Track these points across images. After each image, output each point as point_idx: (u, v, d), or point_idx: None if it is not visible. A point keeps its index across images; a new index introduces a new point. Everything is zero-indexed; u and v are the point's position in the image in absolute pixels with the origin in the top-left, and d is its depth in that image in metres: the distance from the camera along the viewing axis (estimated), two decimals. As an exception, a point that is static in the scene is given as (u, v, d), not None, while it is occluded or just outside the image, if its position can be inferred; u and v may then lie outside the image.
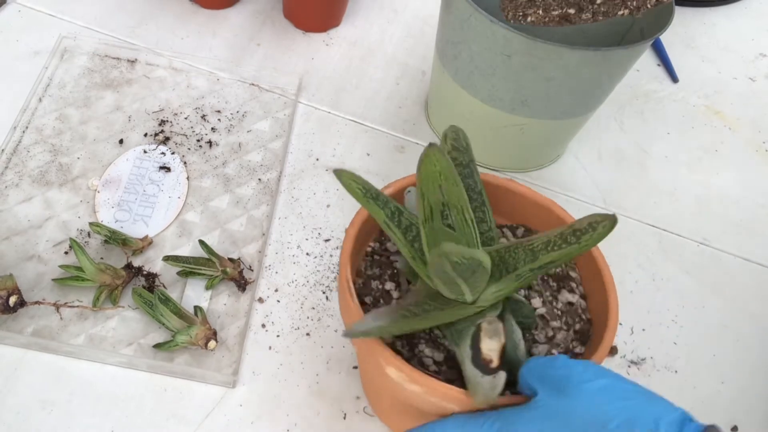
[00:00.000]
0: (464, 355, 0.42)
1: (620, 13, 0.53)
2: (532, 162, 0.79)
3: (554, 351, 0.48)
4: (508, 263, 0.43)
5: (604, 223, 0.40)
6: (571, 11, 0.54)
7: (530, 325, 0.48)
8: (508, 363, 0.43)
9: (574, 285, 0.52)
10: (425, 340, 0.48)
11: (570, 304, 0.50)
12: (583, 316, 0.50)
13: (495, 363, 0.41)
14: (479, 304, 0.44)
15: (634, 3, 0.53)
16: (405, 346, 0.48)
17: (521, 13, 0.54)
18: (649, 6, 0.53)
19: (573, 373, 0.40)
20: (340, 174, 0.44)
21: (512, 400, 0.42)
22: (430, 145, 0.44)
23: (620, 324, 0.68)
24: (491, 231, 0.47)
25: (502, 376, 0.41)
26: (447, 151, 0.49)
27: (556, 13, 0.53)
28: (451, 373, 0.46)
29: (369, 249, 0.54)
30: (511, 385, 0.43)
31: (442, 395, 0.43)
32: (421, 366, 0.47)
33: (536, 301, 0.50)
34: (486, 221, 0.48)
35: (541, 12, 0.54)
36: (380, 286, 0.51)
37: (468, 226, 0.45)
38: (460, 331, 0.44)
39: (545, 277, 0.52)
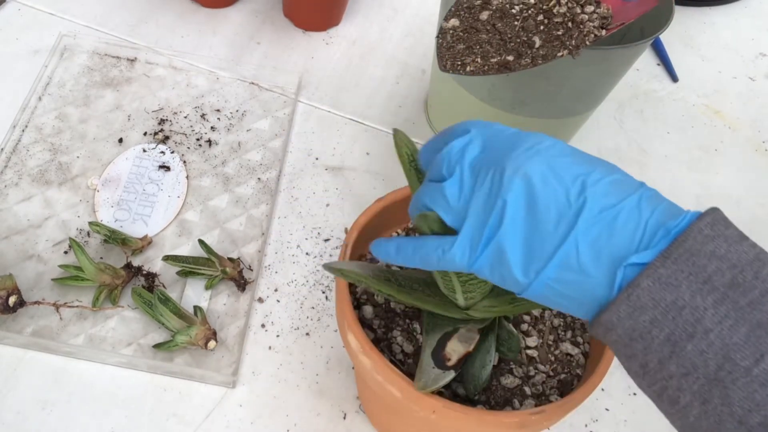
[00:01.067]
0: (428, 344, 0.43)
1: (559, 54, 0.53)
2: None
3: (526, 388, 0.47)
4: None
5: None
6: (510, 58, 0.53)
7: (512, 357, 0.48)
8: (468, 375, 0.44)
9: (581, 340, 0.51)
10: (401, 329, 0.49)
11: (569, 355, 0.50)
12: (575, 371, 0.49)
13: (451, 362, 0.42)
14: (469, 313, 0.44)
15: (573, 42, 0.53)
16: (381, 327, 0.49)
17: (459, 63, 0.53)
18: (587, 43, 0.53)
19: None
20: (396, 133, 0.44)
21: (500, 417, 0.43)
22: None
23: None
24: None
25: (450, 374, 0.42)
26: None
27: (494, 60, 0.53)
28: (413, 368, 0.47)
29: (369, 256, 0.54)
30: (467, 402, 0.45)
31: (385, 375, 0.44)
32: (389, 352, 0.48)
33: (532, 340, 0.50)
34: None
35: (479, 60, 0.53)
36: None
37: None
38: (437, 324, 0.44)
39: (556, 323, 0.51)
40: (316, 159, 0.77)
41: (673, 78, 0.94)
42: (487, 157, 0.35)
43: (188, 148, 0.74)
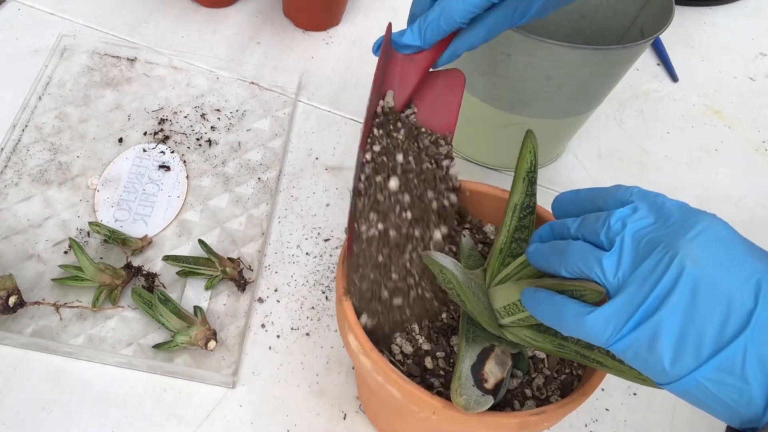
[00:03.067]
0: (467, 355, 0.43)
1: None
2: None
3: (527, 390, 0.47)
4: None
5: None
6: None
7: (516, 374, 0.48)
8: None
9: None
10: (401, 330, 0.49)
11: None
12: (576, 371, 0.49)
13: (489, 385, 0.42)
14: (505, 333, 0.44)
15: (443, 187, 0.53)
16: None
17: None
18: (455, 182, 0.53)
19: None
20: (530, 135, 0.47)
21: (502, 419, 0.43)
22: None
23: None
24: None
25: (489, 400, 0.42)
26: None
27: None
28: (413, 368, 0.47)
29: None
30: None
31: (385, 376, 0.43)
32: (388, 352, 0.48)
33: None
34: None
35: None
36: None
37: None
38: (477, 336, 0.44)
39: None
40: (317, 159, 0.77)
41: (673, 78, 0.94)
42: (653, 233, 0.34)
43: (188, 147, 0.74)
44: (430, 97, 0.53)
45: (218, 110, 0.78)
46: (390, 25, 0.50)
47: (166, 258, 0.64)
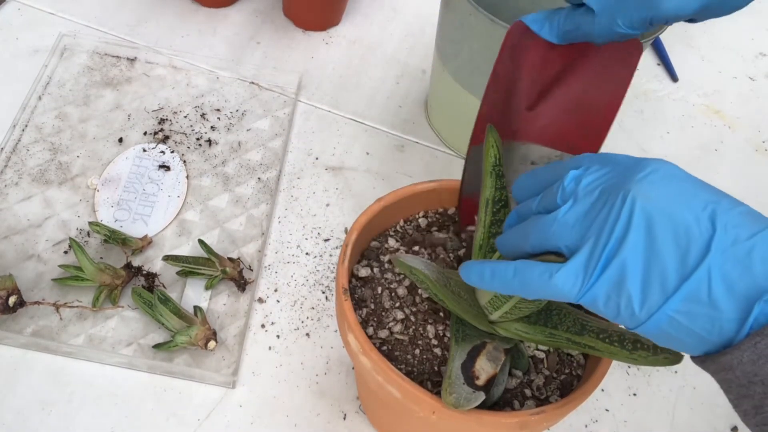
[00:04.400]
0: (457, 354, 0.43)
1: None
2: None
3: (526, 390, 0.47)
4: (550, 318, 0.43)
5: (667, 355, 0.38)
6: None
7: (515, 374, 0.48)
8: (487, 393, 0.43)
9: None
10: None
11: (569, 355, 0.49)
12: (576, 371, 0.49)
13: (480, 382, 0.42)
14: (497, 329, 0.44)
15: None
16: (372, 325, 0.49)
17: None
18: None
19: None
20: (491, 131, 0.44)
21: (500, 418, 0.43)
22: None
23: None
24: None
25: (480, 396, 0.41)
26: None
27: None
28: (414, 368, 0.47)
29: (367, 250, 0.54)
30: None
31: (385, 376, 0.43)
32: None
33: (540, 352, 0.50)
34: None
35: None
36: (376, 293, 0.51)
37: None
38: (466, 335, 0.44)
39: None
40: (316, 159, 0.77)
41: (673, 78, 0.94)
42: (605, 183, 0.34)
43: (188, 147, 0.74)
44: (592, 71, 0.46)
45: (218, 110, 0.78)
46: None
47: (166, 258, 0.64)
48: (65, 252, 0.65)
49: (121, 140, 0.74)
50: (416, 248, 0.53)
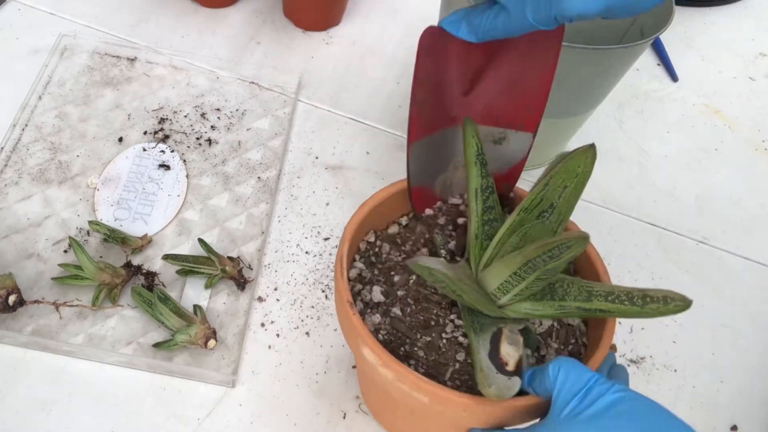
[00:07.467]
0: (480, 346, 0.43)
1: None
2: (532, 161, 0.79)
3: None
4: (555, 291, 0.44)
5: (678, 303, 0.39)
6: None
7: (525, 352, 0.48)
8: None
9: None
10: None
11: (569, 325, 0.50)
12: (581, 340, 0.49)
13: (510, 367, 0.42)
14: (506, 312, 0.44)
15: None
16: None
17: None
18: None
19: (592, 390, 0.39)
20: (467, 122, 0.45)
21: (530, 401, 0.42)
22: (591, 146, 0.45)
23: (619, 323, 0.68)
24: None
25: (517, 381, 0.42)
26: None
27: None
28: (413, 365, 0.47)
29: (362, 247, 0.53)
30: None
31: (411, 383, 0.43)
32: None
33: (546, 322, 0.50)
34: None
35: None
36: (369, 289, 0.50)
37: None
38: (482, 324, 0.44)
39: None
40: (316, 158, 0.77)
41: (673, 78, 0.94)
42: None
43: (188, 147, 0.74)
44: (518, 52, 0.47)
45: (218, 110, 0.78)
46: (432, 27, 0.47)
47: (166, 257, 0.64)
48: (65, 251, 0.65)
49: (121, 140, 0.74)
50: (407, 247, 0.53)
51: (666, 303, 0.39)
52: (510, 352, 0.42)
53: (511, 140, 0.51)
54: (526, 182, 0.57)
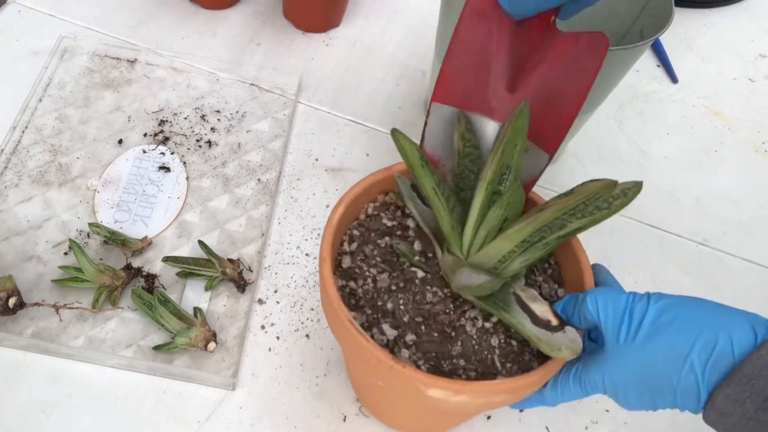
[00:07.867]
0: (521, 318, 0.43)
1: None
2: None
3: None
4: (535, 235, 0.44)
5: (634, 189, 0.42)
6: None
7: None
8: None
9: (546, 287, 0.51)
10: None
11: (545, 261, 0.51)
12: (550, 262, 0.51)
13: (555, 322, 0.43)
14: (504, 275, 0.44)
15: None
16: (369, 308, 0.47)
17: None
18: None
19: (635, 310, 0.41)
20: (396, 135, 0.46)
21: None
22: (526, 104, 0.45)
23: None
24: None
25: (573, 331, 0.43)
26: (461, 132, 0.50)
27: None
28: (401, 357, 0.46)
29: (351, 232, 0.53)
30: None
31: (491, 392, 0.42)
32: (381, 333, 0.46)
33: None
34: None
35: None
36: (367, 272, 0.49)
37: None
38: (501, 299, 0.44)
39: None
40: (316, 160, 0.77)
41: (673, 79, 0.94)
42: None
43: (188, 149, 0.74)
44: (564, 62, 0.47)
45: (218, 111, 0.78)
46: None
47: (166, 259, 0.64)
48: (65, 253, 0.65)
49: (121, 142, 0.74)
50: (383, 241, 0.52)
51: (625, 195, 0.42)
52: (543, 310, 0.43)
53: (531, 155, 0.50)
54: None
